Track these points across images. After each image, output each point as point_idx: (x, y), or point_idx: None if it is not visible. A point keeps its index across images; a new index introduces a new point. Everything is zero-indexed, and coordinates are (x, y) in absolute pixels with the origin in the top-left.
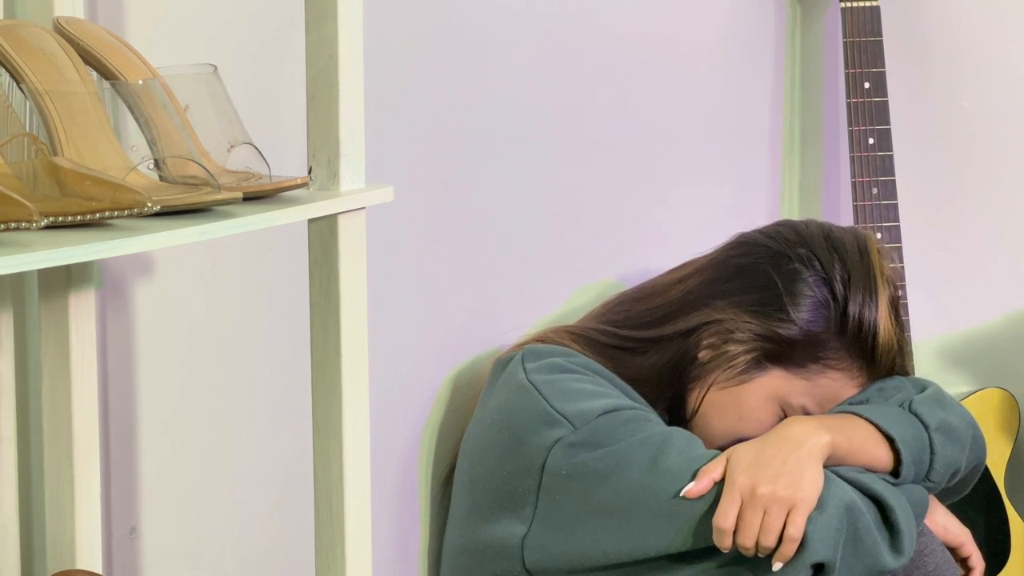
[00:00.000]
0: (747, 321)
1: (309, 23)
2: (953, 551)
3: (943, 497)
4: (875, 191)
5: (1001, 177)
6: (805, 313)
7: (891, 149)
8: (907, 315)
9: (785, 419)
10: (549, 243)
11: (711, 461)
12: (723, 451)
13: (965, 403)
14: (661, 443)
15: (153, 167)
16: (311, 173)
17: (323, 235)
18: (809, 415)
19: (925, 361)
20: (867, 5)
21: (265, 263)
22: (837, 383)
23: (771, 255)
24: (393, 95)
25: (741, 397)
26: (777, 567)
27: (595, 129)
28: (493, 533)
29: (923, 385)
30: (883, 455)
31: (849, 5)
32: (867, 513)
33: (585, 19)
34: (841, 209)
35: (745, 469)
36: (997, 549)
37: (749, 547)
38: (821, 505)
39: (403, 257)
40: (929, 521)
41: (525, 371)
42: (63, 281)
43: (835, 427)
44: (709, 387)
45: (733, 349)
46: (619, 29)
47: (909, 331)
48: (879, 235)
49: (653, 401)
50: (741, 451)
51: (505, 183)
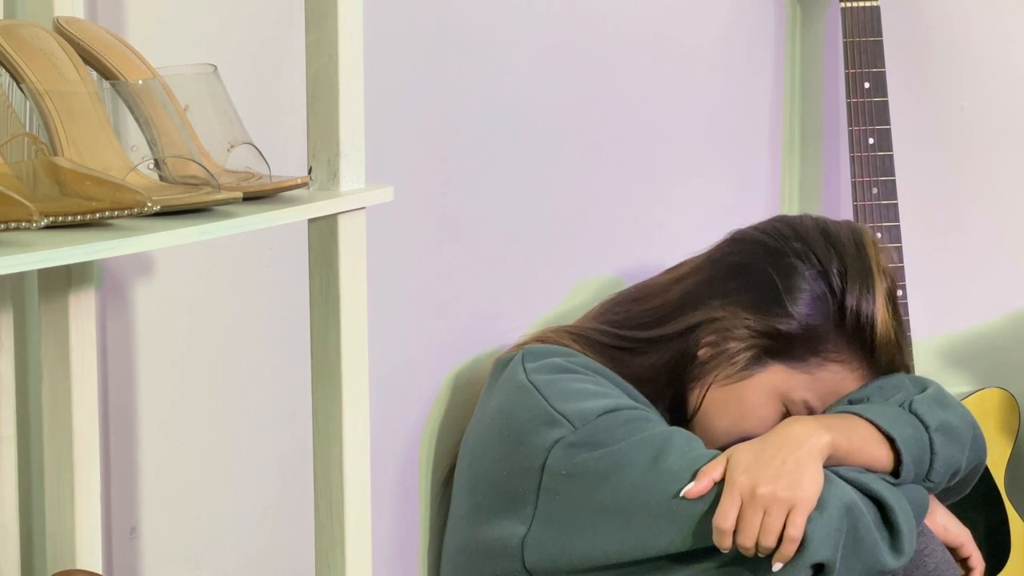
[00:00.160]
0: (746, 318)
1: (309, 23)
2: (953, 551)
3: (943, 497)
4: (875, 191)
5: (1001, 177)
6: (803, 307)
7: (891, 149)
8: (907, 315)
9: (785, 419)
10: (549, 243)
11: (711, 461)
12: (724, 451)
13: (965, 403)
14: (661, 443)
15: (153, 167)
16: (311, 173)
17: (323, 235)
18: (811, 410)
19: (925, 361)
20: (867, 5)
21: (265, 263)
22: (838, 376)
23: (767, 251)
24: (393, 95)
25: (742, 394)
26: (777, 567)
27: (595, 129)
28: (493, 533)
29: (923, 384)
30: (883, 455)
31: (849, 5)
32: (867, 513)
33: (584, 19)
34: (841, 209)
35: (745, 469)
36: (997, 549)
37: (749, 547)
38: (821, 505)
39: (403, 257)
40: (929, 521)
41: (525, 371)
42: (63, 281)
43: (835, 427)
44: (710, 385)
45: (733, 346)
46: (619, 29)
47: (910, 331)
48: (879, 235)
49: (654, 401)
50: (741, 451)
51: (505, 183)
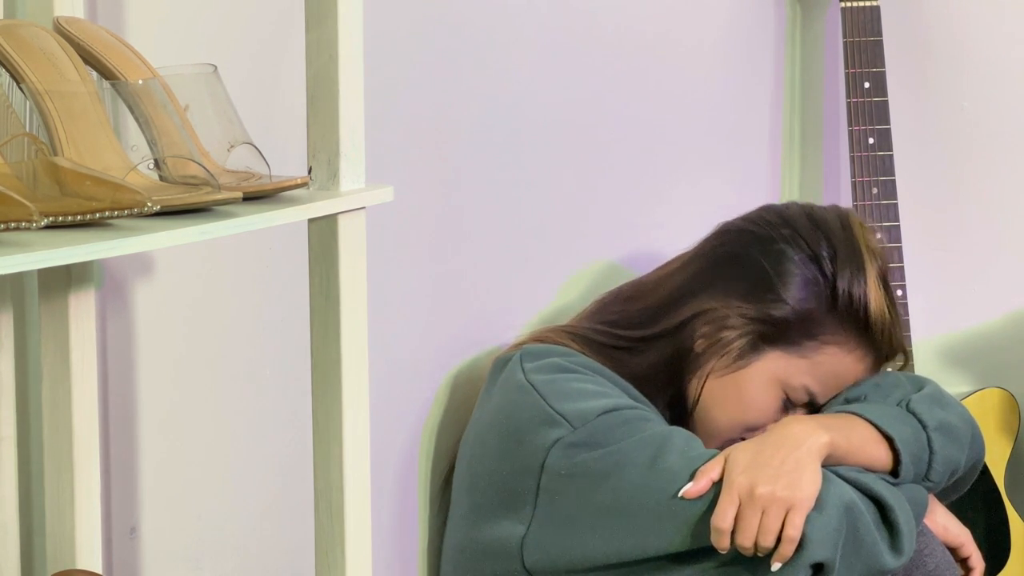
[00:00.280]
0: (739, 306)
1: (309, 23)
2: (953, 551)
3: (942, 496)
4: (875, 191)
5: (1001, 177)
6: (795, 291)
7: (891, 149)
8: (907, 315)
9: (784, 419)
10: (549, 243)
11: (710, 461)
12: (724, 449)
13: (965, 403)
14: (661, 443)
15: (153, 167)
16: (311, 173)
17: (323, 235)
18: (812, 395)
19: (925, 361)
20: (867, 5)
21: (265, 263)
22: (835, 358)
23: (756, 239)
24: (393, 95)
25: (740, 383)
26: (776, 567)
27: (595, 129)
28: (492, 533)
29: (921, 384)
30: (882, 455)
31: (849, 5)
32: (866, 513)
33: (584, 19)
34: None
35: (743, 469)
36: (997, 549)
37: (748, 547)
38: (820, 505)
39: (403, 257)
40: (929, 521)
41: (524, 371)
42: (63, 281)
43: (834, 427)
44: (707, 376)
45: (728, 335)
46: (619, 28)
47: (909, 331)
48: (879, 235)
49: (654, 398)
50: (739, 451)
51: (505, 183)
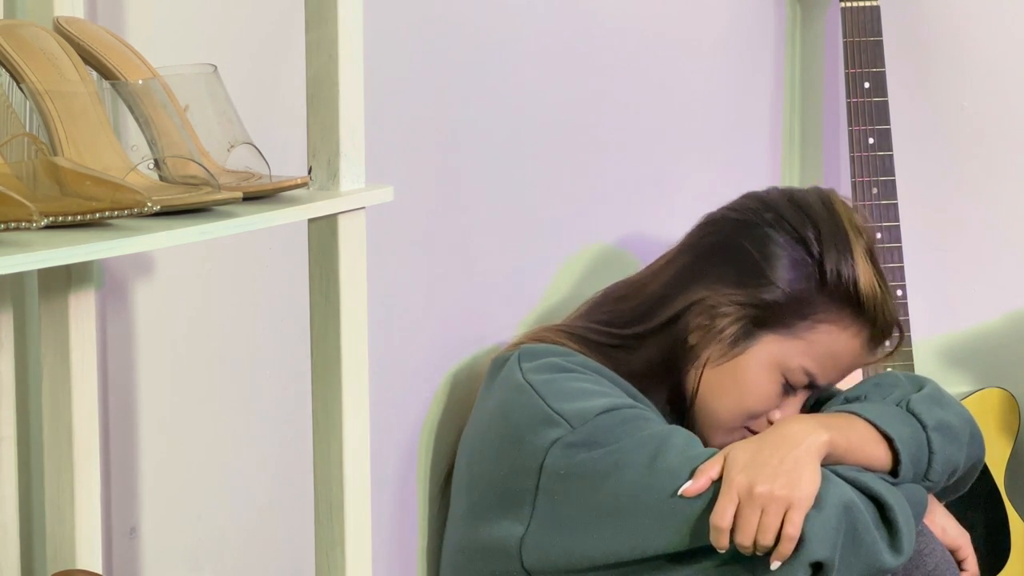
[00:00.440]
0: (729, 294)
1: (309, 23)
2: (950, 553)
3: (942, 495)
4: (875, 191)
5: (1001, 177)
6: (784, 273)
7: (891, 149)
8: (907, 315)
9: (783, 418)
10: (549, 244)
11: (709, 460)
12: (721, 449)
13: (965, 403)
14: (660, 442)
15: (153, 167)
16: (311, 173)
17: (323, 235)
18: (811, 376)
19: (925, 361)
20: (867, 5)
21: (265, 263)
22: (830, 336)
23: (740, 226)
24: (393, 95)
25: (738, 370)
26: (775, 566)
27: (595, 129)
28: (491, 533)
29: (920, 383)
30: (881, 454)
31: (849, 5)
32: (866, 512)
33: (584, 19)
34: None
35: (742, 468)
36: (997, 549)
37: (747, 546)
38: (819, 504)
39: (403, 257)
40: (928, 522)
41: (522, 371)
42: (63, 281)
43: (833, 426)
44: (704, 366)
45: (721, 323)
46: (619, 29)
47: (909, 331)
48: (879, 235)
49: (653, 395)
50: (739, 449)
51: (505, 183)
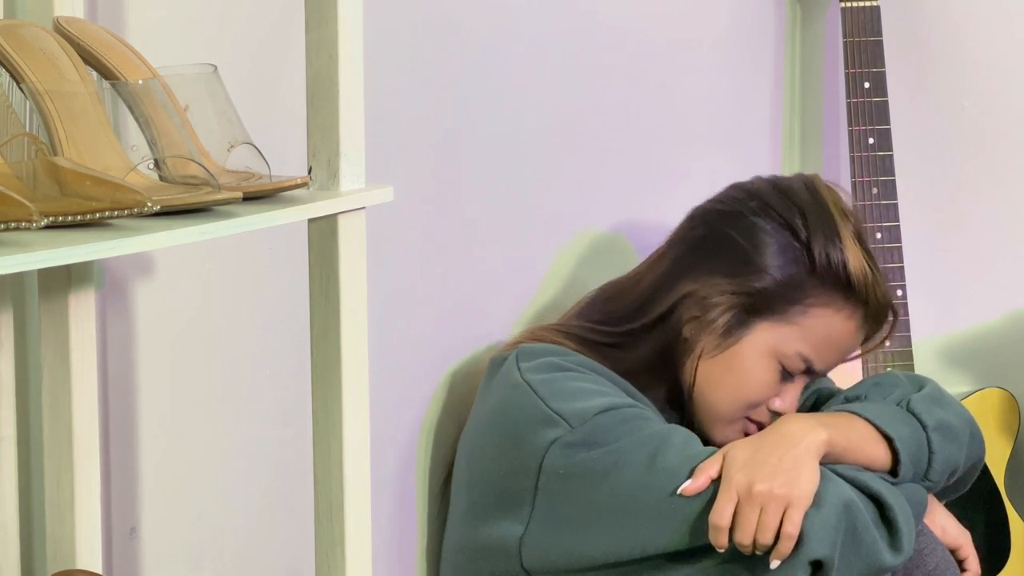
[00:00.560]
0: (720, 284)
1: (309, 23)
2: (950, 553)
3: (942, 495)
4: (875, 191)
5: (1001, 177)
6: (772, 260)
7: (891, 149)
8: (907, 315)
9: (782, 417)
10: (549, 243)
11: (708, 458)
12: (723, 445)
13: (965, 403)
14: (659, 442)
15: (153, 167)
16: (311, 173)
17: (323, 235)
18: (808, 362)
19: (925, 361)
20: (867, 5)
21: (265, 263)
22: (824, 320)
23: (726, 216)
24: (393, 95)
25: (734, 360)
26: (775, 565)
27: (595, 129)
28: (491, 533)
29: (920, 383)
30: (881, 454)
31: (849, 5)
32: (865, 511)
33: (584, 19)
34: None
35: (742, 466)
36: (997, 549)
37: (746, 544)
38: (819, 502)
39: (403, 257)
40: (928, 522)
41: (520, 370)
42: (63, 281)
43: (832, 425)
44: (699, 358)
45: (713, 314)
46: (619, 29)
47: (909, 331)
48: (879, 235)
49: (652, 392)
50: (738, 448)
51: (505, 183)
